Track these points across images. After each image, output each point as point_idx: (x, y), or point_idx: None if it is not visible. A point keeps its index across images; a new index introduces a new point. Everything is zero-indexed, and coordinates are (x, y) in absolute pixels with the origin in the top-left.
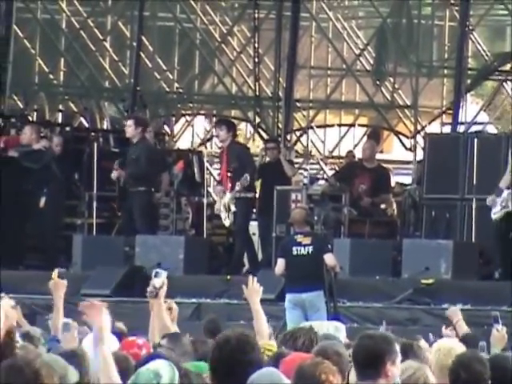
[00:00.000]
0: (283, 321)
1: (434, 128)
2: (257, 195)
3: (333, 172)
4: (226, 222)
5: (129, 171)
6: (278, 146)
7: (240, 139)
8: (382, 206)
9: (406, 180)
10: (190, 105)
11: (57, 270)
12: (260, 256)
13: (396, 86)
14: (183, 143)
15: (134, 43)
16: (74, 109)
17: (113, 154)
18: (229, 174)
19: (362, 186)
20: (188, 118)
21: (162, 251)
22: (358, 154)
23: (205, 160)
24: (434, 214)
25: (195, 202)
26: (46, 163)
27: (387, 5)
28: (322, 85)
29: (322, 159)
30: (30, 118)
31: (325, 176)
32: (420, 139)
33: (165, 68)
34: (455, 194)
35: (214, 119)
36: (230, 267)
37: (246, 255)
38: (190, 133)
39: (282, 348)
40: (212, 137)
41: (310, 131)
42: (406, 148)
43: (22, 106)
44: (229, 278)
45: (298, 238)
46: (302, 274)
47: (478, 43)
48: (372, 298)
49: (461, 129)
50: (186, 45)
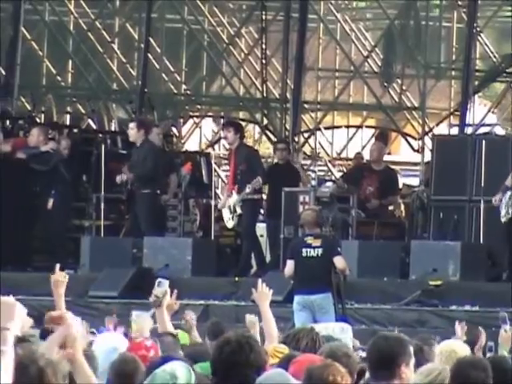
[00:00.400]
0: (291, 323)
1: (442, 129)
2: (264, 196)
3: (341, 174)
4: (229, 223)
5: (135, 173)
6: (287, 147)
7: (248, 141)
8: (390, 207)
9: (414, 182)
10: (198, 106)
11: (58, 265)
12: (268, 258)
13: (404, 88)
14: (191, 145)
15: (142, 45)
16: (82, 111)
17: (120, 155)
18: (238, 177)
19: (370, 188)
20: (196, 120)
21: (169, 253)
22: (366, 155)
23: (212, 162)
24: (442, 216)
25: (203, 204)
26: (53, 165)
27: (395, 6)
28: (330, 86)
29: (329, 161)
30: (38, 119)
31: (333, 178)
32: (428, 141)
33: (172, 70)
34: (463, 195)
35: (222, 121)
36: (238, 269)
37: (253, 257)
38: (198, 134)
39: (291, 350)
40: (220, 138)
41: (318, 133)
42: (413, 149)
43: (29, 108)
44: (237, 279)
45: (308, 240)
46: (310, 276)
47: (486, 45)
48: (380, 299)
49: (468, 130)
50: (193, 46)
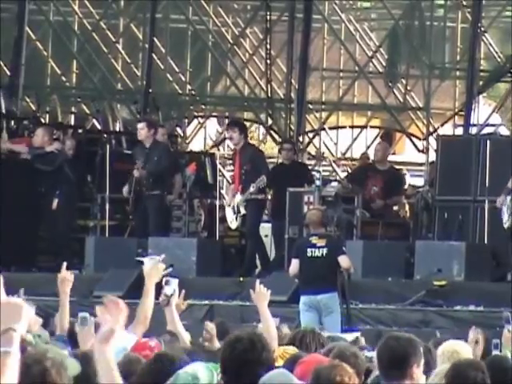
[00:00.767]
0: (296, 322)
1: (447, 130)
2: (268, 196)
3: (345, 174)
4: (233, 224)
5: (148, 173)
6: (293, 148)
7: (252, 141)
8: (395, 207)
9: (419, 182)
10: (203, 107)
11: (65, 263)
12: (273, 258)
13: (408, 88)
14: (196, 145)
15: (147, 45)
16: (87, 111)
17: (125, 155)
18: (243, 177)
19: (375, 188)
20: (200, 120)
21: (174, 253)
22: (372, 155)
23: (217, 162)
24: (447, 216)
25: (208, 204)
26: (58, 165)
27: (399, 7)
28: (335, 87)
29: (334, 161)
30: (43, 120)
31: (337, 178)
32: (432, 141)
33: (177, 70)
34: (468, 195)
35: (227, 121)
36: (243, 269)
37: (257, 257)
38: (203, 135)
39: (298, 351)
40: (224, 139)
41: (323, 133)
42: (418, 150)
43: (34, 108)
44: (241, 279)
45: (313, 240)
46: (316, 276)
47: (491, 45)
48: (385, 299)
49: (473, 130)
50: (198, 47)
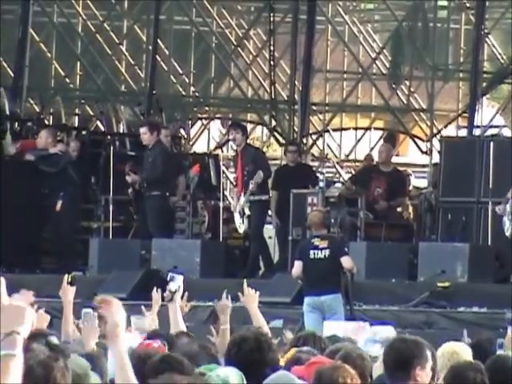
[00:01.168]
0: (300, 323)
1: (450, 131)
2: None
3: (349, 175)
4: (241, 228)
5: (145, 175)
6: (298, 150)
7: (256, 143)
8: (398, 209)
9: (422, 183)
10: (206, 108)
11: (67, 276)
12: (277, 259)
13: (412, 90)
14: (199, 147)
15: (150, 47)
16: (91, 112)
17: (129, 157)
18: (245, 178)
19: (378, 190)
20: (204, 122)
21: (178, 255)
22: (376, 157)
23: (221, 163)
24: (450, 217)
25: (211, 206)
26: (62, 167)
27: (403, 8)
28: (338, 88)
29: (338, 162)
30: (47, 121)
31: (341, 179)
32: (436, 142)
33: (181, 71)
34: (471, 197)
35: (230, 123)
36: (246, 270)
37: (261, 258)
38: (206, 136)
39: (299, 353)
40: (228, 140)
41: (326, 135)
42: (421, 151)
43: (38, 110)
44: (245, 281)
45: (316, 242)
46: (319, 277)
47: (494, 46)
48: (388, 301)
49: (477, 132)
50: (201, 48)
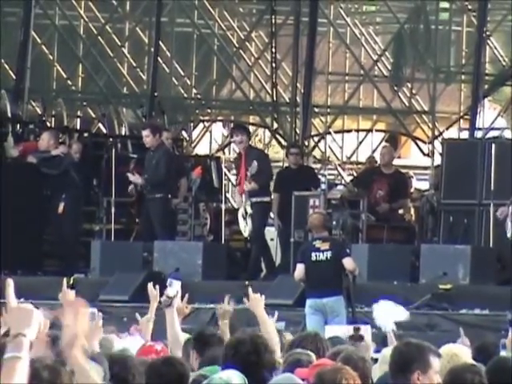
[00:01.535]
0: (302, 326)
1: (452, 133)
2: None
3: (351, 178)
4: (246, 231)
5: (147, 177)
6: (300, 152)
7: (258, 145)
8: (400, 211)
9: (424, 185)
10: (208, 110)
11: (65, 279)
12: (279, 261)
13: (414, 92)
14: (201, 149)
15: (152, 49)
16: (92, 115)
17: (131, 159)
18: (248, 176)
19: (380, 192)
20: (206, 124)
21: (180, 257)
22: (378, 159)
23: (223, 166)
24: (452, 220)
25: (213, 208)
26: (64, 169)
27: (405, 10)
28: (340, 90)
29: (339, 165)
30: (49, 124)
31: (343, 181)
32: (437, 145)
33: (183, 74)
34: (473, 199)
35: (232, 125)
36: (248, 272)
37: (263, 260)
38: (208, 139)
39: (299, 354)
40: (230, 142)
41: (328, 137)
42: (423, 153)
43: (40, 112)
44: (247, 283)
45: (317, 244)
46: (321, 280)
47: (496, 49)
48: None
49: (478, 134)
50: (203, 50)
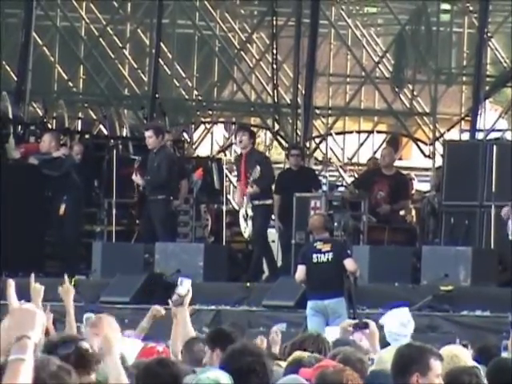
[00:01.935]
0: (303, 327)
1: (453, 135)
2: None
3: (352, 179)
4: (246, 232)
5: (149, 179)
6: (301, 153)
7: (260, 147)
8: (401, 212)
9: (425, 187)
10: (209, 112)
11: (67, 276)
12: (280, 263)
13: (415, 93)
14: (202, 151)
15: (153, 50)
16: (94, 116)
17: (132, 161)
18: (248, 181)
19: (381, 193)
20: (207, 126)
21: (181, 258)
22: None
23: (224, 167)
24: (453, 221)
25: (214, 210)
26: (65, 171)
27: (406, 12)
28: (341, 92)
29: (341, 166)
30: (50, 125)
31: (344, 183)
32: (439, 146)
33: (184, 75)
34: (474, 200)
35: (234, 127)
36: (249, 274)
37: (265, 262)
38: (209, 140)
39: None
40: (231, 144)
41: (329, 138)
42: (424, 155)
43: (41, 114)
44: (248, 285)
45: (318, 245)
46: (323, 281)
47: (497, 50)
48: (391, 304)
49: (479, 136)
50: (205, 52)
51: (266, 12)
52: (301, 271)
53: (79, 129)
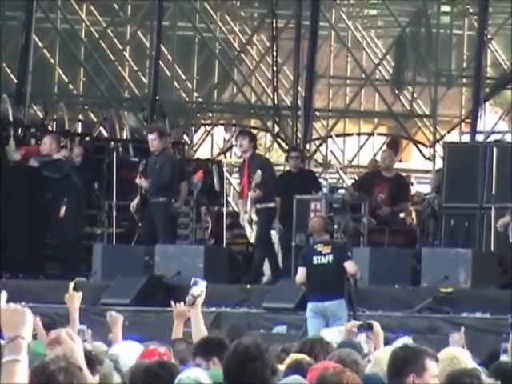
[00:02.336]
0: (303, 329)
1: (453, 137)
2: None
3: (352, 181)
4: (252, 237)
5: (152, 181)
6: (301, 155)
7: (259, 149)
8: (401, 214)
9: (425, 189)
10: (209, 114)
11: (72, 282)
12: (280, 265)
13: (415, 95)
14: (202, 153)
15: (154, 53)
16: (94, 118)
17: (132, 163)
18: (252, 185)
19: (381, 195)
20: (207, 128)
21: (181, 260)
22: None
23: (224, 169)
24: (453, 223)
25: (214, 212)
26: (66, 173)
27: (406, 14)
28: (341, 94)
29: (341, 168)
30: (50, 127)
31: (344, 185)
32: (439, 148)
33: (184, 77)
34: (474, 202)
35: (234, 129)
36: (250, 276)
37: (267, 264)
38: (210, 142)
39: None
40: (231, 146)
41: (329, 140)
42: (424, 157)
43: (41, 116)
44: (248, 287)
45: (318, 247)
46: (323, 283)
47: (497, 52)
48: (391, 306)
49: (480, 138)
50: (205, 54)
51: (266, 14)
52: (301, 273)
53: (79, 131)
